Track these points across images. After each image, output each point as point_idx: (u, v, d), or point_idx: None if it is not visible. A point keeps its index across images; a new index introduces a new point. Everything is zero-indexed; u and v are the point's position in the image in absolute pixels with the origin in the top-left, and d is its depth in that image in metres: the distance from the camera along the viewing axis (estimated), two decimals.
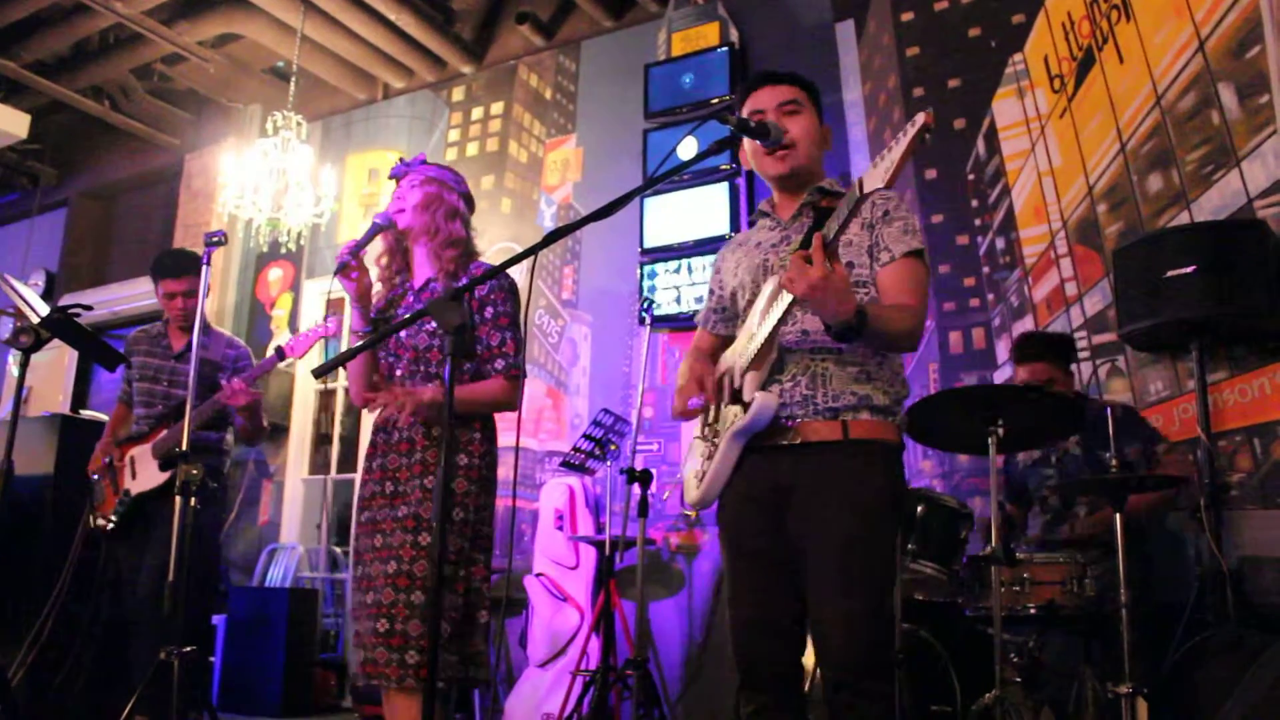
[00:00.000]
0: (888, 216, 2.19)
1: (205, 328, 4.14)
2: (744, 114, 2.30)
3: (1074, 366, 3.65)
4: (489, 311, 2.69)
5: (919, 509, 3.24)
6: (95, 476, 4.09)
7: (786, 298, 1.99)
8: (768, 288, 2.14)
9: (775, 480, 2.11)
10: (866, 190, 1.84)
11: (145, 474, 3.91)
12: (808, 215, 2.24)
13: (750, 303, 2.24)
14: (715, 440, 2.18)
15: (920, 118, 1.77)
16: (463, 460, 2.61)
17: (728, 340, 2.39)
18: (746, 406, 2.09)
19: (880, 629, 2.04)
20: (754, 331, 2.12)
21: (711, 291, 2.45)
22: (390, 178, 2.89)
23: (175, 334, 4.19)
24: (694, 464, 2.26)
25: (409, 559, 2.48)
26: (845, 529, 2.02)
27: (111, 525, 3.95)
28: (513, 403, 2.63)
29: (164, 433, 3.91)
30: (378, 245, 2.83)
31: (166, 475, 3.78)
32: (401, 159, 2.89)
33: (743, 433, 2.10)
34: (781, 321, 2.05)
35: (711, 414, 2.24)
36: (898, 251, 2.15)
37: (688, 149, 4.56)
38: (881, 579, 2.06)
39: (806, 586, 2.06)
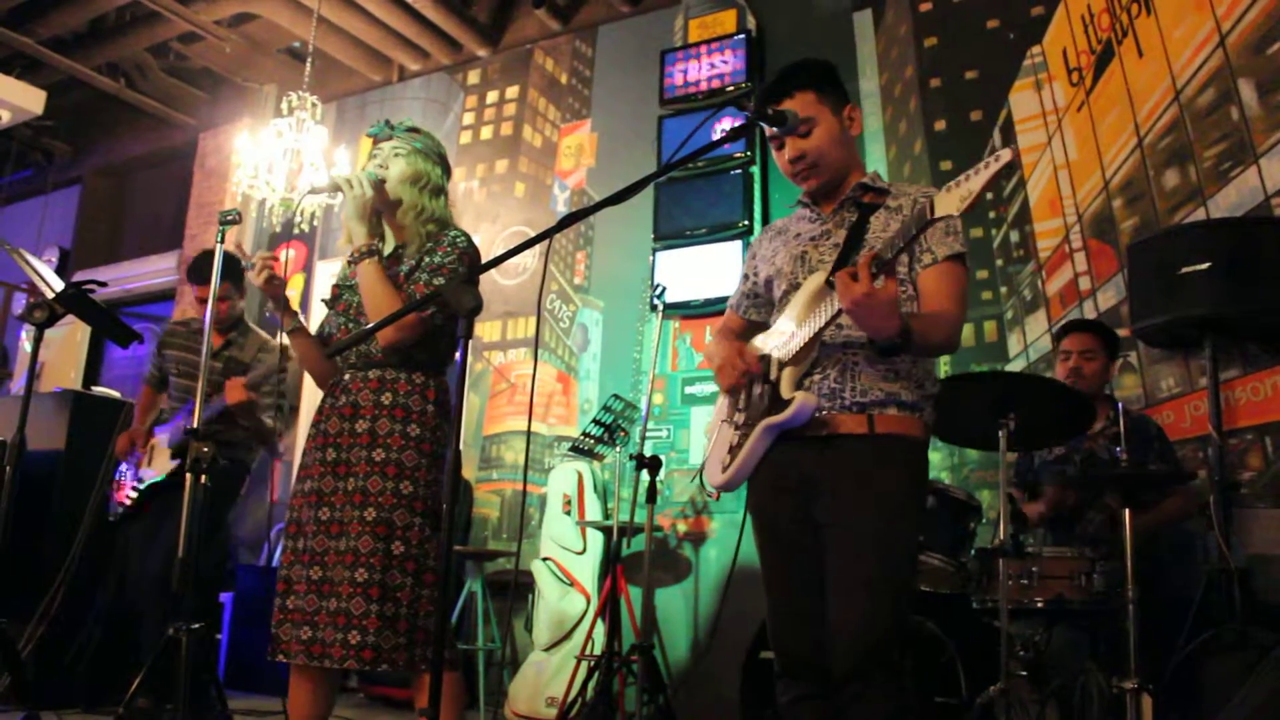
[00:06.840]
0: None
1: (243, 327, 4.24)
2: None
3: (1113, 364, 3.68)
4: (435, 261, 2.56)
5: (928, 501, 3.23)
6: (122, 464, 4.15)
7: (836, 302, 1.97)
8: (810, 284, 2.12)
9: (802, 471, 2.10)
10: (938, 215, 1.83)
11: (159, 463, 4.01)
12: (850, 211, 2.21)
13: (786, 293, 2.22)
14: (745, 427, 2.17)
15: (1005, 154, 1.75)
16: (414, 431, 2.51)
17: (758, 325, 2.38)
18: (782, 403, 2.08)
19: (892, 626, 2.01)
20: (795, 329, 2.11)
21: (746, 276, 2.43)
22: (368, 135, 2.73)
23: (215, 332, 4.15)
24: (720, 448, 2.25)
25: (355, 535, 2.41)
26: (865, 524, 2.02)
27: (122, 510, 4.05)
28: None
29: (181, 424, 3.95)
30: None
31: (174, 464, 3.83)
32: (387, 121, 2.72)
33: (777, 428, 2.09)
34: (828, 324, 2.03)
35: (742, 399, 2.23)
36: (940, 254, 2.12)
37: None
38: (899, 576, 2.05)
39: (825, 578, 2.06)
